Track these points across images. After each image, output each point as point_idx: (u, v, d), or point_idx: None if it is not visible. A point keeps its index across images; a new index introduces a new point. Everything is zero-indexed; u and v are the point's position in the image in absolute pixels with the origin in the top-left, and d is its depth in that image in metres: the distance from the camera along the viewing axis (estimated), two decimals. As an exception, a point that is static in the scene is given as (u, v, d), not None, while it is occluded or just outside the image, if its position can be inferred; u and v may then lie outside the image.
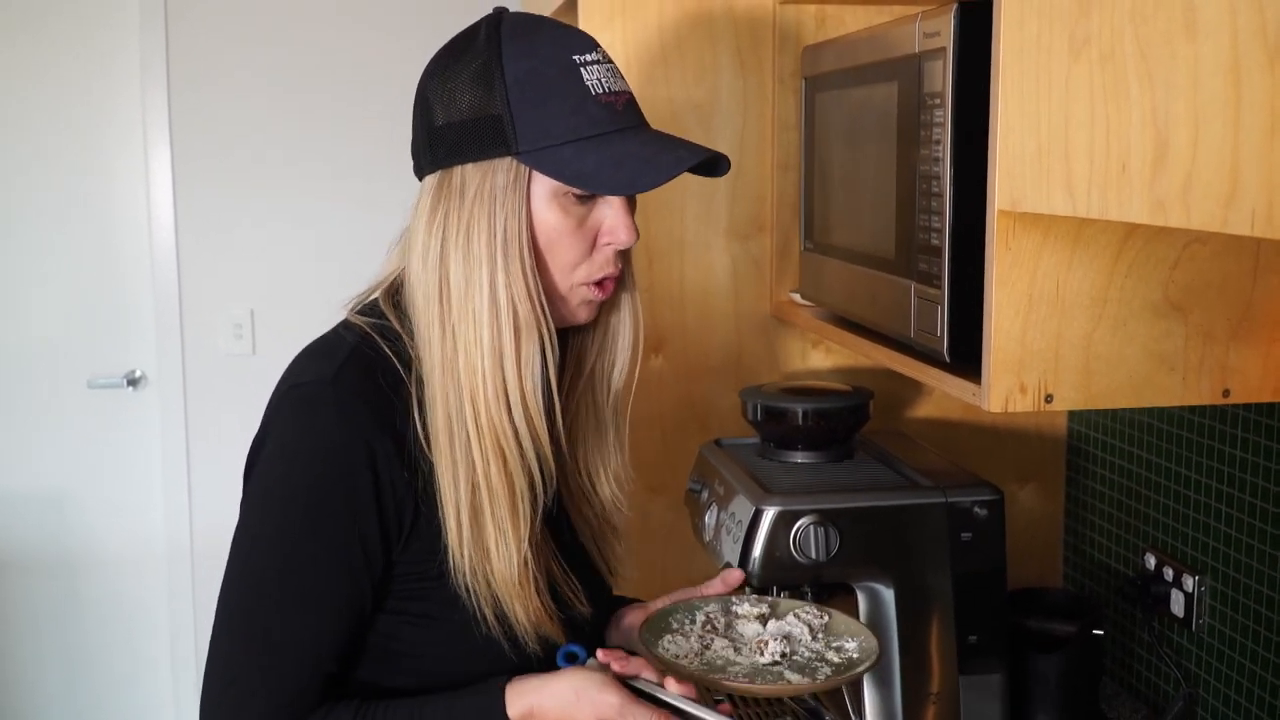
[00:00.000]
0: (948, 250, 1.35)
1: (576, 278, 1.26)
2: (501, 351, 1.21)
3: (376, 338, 1.25)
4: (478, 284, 1.21)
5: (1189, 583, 1.72)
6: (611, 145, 1.21)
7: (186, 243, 3.29)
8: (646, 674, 1.24)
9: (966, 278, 1.32)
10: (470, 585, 1.22)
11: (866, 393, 1.78)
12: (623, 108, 1.24)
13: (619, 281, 1.32)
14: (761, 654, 1.32)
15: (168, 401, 3.33)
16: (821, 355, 2.06)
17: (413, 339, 1.25)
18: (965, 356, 1.34)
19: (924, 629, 1.63)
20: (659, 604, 1.44)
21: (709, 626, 1.36)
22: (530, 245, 1.22)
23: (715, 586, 1.46)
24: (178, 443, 3.35)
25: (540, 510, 1.27)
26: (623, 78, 1.27)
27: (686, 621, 1.38)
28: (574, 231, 1.24)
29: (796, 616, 1.39)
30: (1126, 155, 0.95)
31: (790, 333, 2.05)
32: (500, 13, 1.27)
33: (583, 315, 1.30)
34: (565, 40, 1.23)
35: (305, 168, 3.30)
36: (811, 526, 1.57)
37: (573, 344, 1.37)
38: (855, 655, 1.33)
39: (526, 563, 1.24)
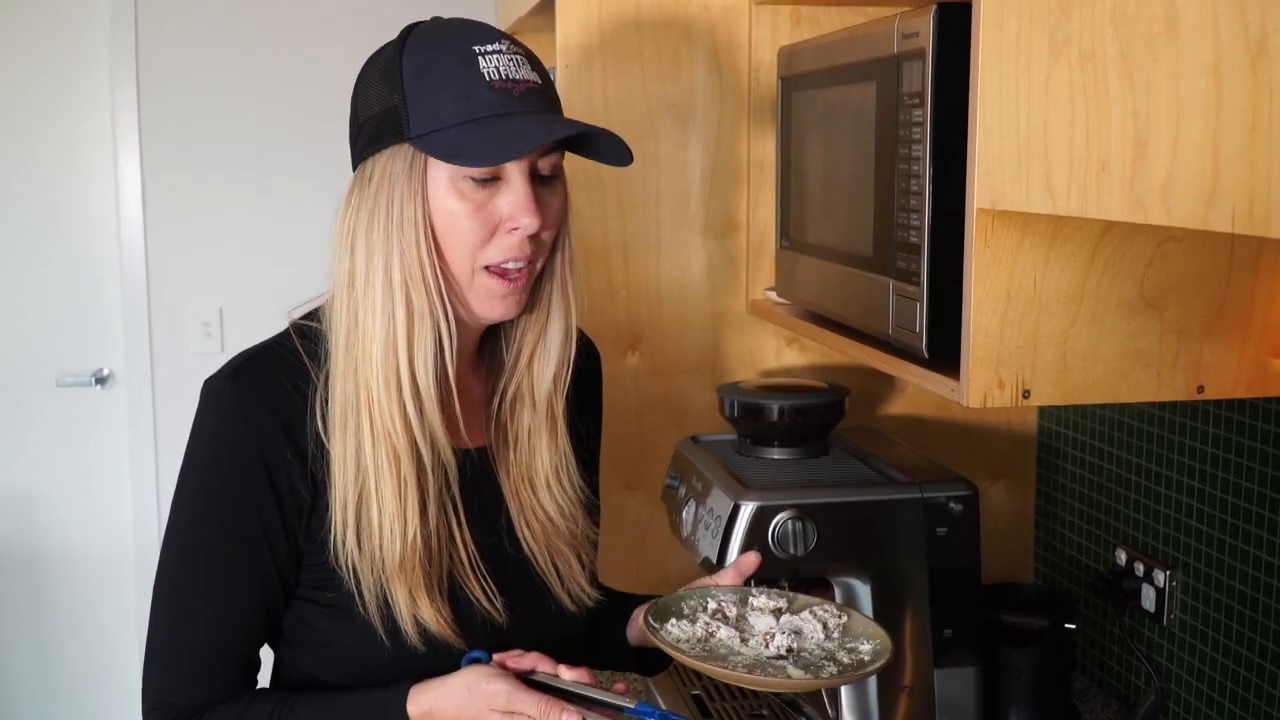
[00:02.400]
0: (926, 248, 1.36)
1: (479, 262, 1.25)
2: (395, 337, 1.23)
3: (295, 337, 1.29)
4: (377, 268, 1.23)
5: (1160, 578, 1.74)
6: (496, 125, 1.20)
7: (155, 241, 3.27)
8: (542, 666, 1.24)
9: (945, 275, 1.33)
10: (350, 565, 1.24)
11: (842, 389, 1.79)
12: (520, 95, 1.23)
13: (545, 275, 1.31)
14: (767, 646, 1.29)
15: (136, 400, 3.31)
16: (796, 353, 2.07)
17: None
18: (943, 353, 1.35)
19: (899, 623, 1.65)
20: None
21: (719, 615, 1.34)
22: (427, 231, 1.23)
23: (727, 575, 1.42)
24: (146, 441, 3.33)
25: (435, 498, 1.27)
26: (534, 69, 1.26)
27: (698, 609, 1.35)
28: (472, 215, 1.23)
29: (812, 613, 1.34)
30: (1106, 154, 0.96)
31: (765, 330, 2.06)
32: (424, 20, 1.29)
33: (498, 310, 1.28)
34: (469, 33, 1.24)
35: (274, 166, 3.29)
36: (789, 521, 1.58)
37: (510, 341, 1.36)
38: (866, 658, 1.28)
39: (415, 549, 1.24)
